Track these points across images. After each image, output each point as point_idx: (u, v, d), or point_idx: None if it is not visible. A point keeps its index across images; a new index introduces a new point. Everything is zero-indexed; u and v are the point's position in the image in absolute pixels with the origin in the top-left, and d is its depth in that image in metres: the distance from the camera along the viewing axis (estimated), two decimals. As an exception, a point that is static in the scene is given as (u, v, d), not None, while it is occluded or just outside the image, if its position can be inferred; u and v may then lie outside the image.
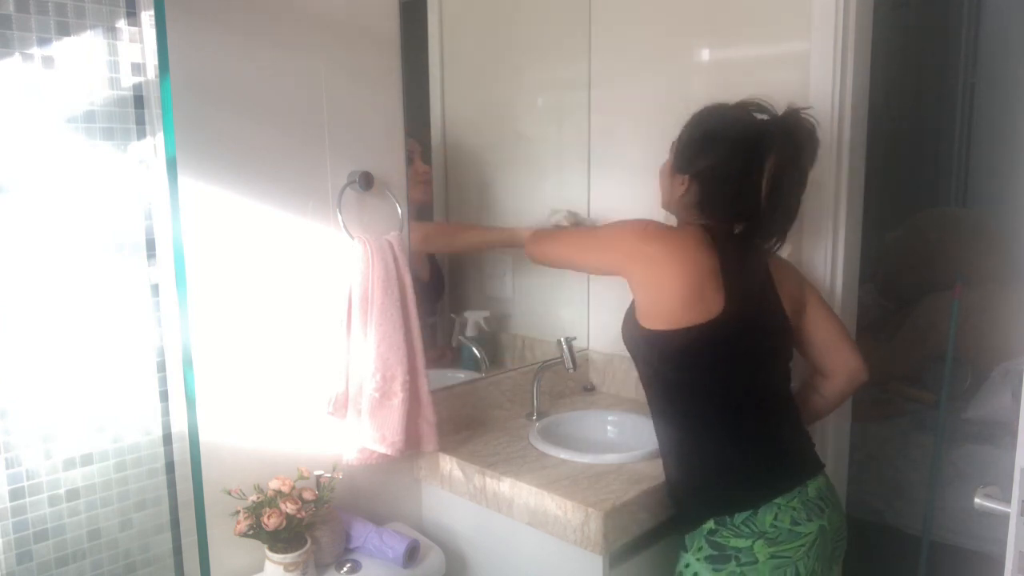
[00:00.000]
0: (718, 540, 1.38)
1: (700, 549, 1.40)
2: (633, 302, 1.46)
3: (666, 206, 1.55)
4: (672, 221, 1.55)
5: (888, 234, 3.22)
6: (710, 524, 1.39)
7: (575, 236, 1.72)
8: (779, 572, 1.34)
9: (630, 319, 1.46)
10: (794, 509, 1.36)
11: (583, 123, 2.12)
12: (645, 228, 1.44)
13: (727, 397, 1.41)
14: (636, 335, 1.44)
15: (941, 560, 2.47)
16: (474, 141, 2.11)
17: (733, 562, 1.36)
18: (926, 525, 2.47)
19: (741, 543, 1.36)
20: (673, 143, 1.50)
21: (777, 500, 1.36)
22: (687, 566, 1.41)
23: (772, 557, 1.34)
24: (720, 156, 1.40)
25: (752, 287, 1.44)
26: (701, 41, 1.87)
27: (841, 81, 1.66)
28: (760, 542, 1.35)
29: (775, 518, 1.36)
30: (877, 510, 2.68)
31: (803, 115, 1.39)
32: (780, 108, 1.41)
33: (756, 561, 1.34)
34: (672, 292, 1.36)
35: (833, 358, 1.54)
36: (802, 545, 1.35)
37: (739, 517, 1.37)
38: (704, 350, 1.38)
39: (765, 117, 1.41)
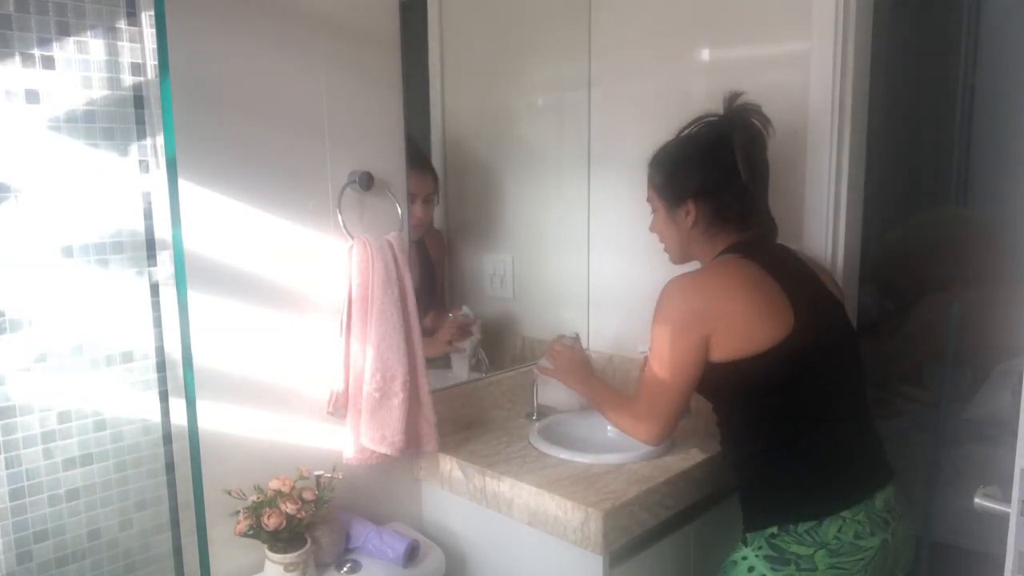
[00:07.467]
0: (779, 544, 1.36)
1: (760, 548, 1.38)
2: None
3: (681, 253, 1.55)
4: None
5: (888, 234, 3.22)
6: (773, 528, 1.37)
7: (659, 372, 1.45)
8: None
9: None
10: (859, 523, 1.34)
11: (583, 123, 2.12)
12: (683, 293, 1.41)
13: (797, 413, 1.39)
14: (709, 372, 1.41)
15: (941, 560, 2.47)
16: (474, 140, 2.11)
17: (793, 566, 1.34)
18: (926, 525, 2.47)
19: (802, 550, 1.35)
20: (651, 198, 1.55)
21: (843, 513, 1.34)
22: (744, 559, 1.40)
23: (831, 568, 1.33)
24: (703, 166, 1.47)
25: (812, 296, 1.44)
26: (701, 41, 1.87)
27: (841, 81, 1.66)
28: (822, 552, 1.34)
29: (839, 531, 1.34)
30: (877, 510, 2.67)
31: (740, 100, 1.47)
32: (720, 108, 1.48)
33: (816, 568, 1.34)
34: (742, 323, 1.36)
35: None
36: (861, 559, 1.34)
37: (803, 527, 1.35)
38: (776, 370, 1.36)
39: (713, 119, 1.48)
